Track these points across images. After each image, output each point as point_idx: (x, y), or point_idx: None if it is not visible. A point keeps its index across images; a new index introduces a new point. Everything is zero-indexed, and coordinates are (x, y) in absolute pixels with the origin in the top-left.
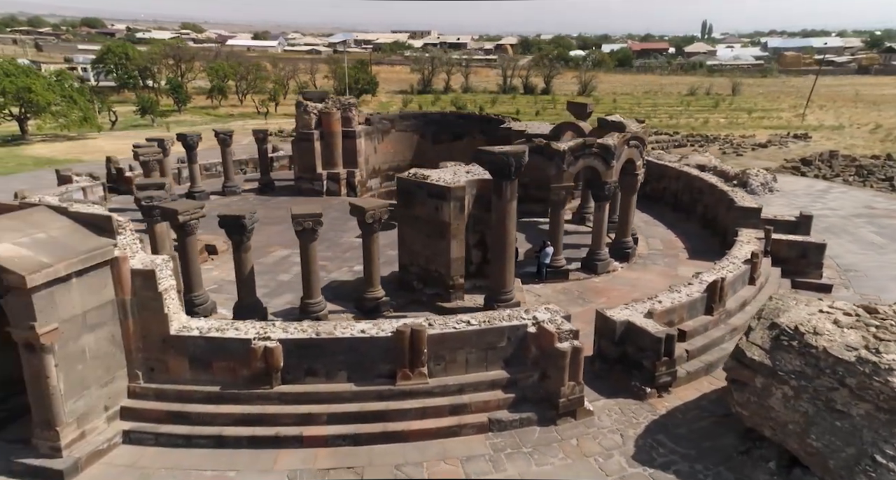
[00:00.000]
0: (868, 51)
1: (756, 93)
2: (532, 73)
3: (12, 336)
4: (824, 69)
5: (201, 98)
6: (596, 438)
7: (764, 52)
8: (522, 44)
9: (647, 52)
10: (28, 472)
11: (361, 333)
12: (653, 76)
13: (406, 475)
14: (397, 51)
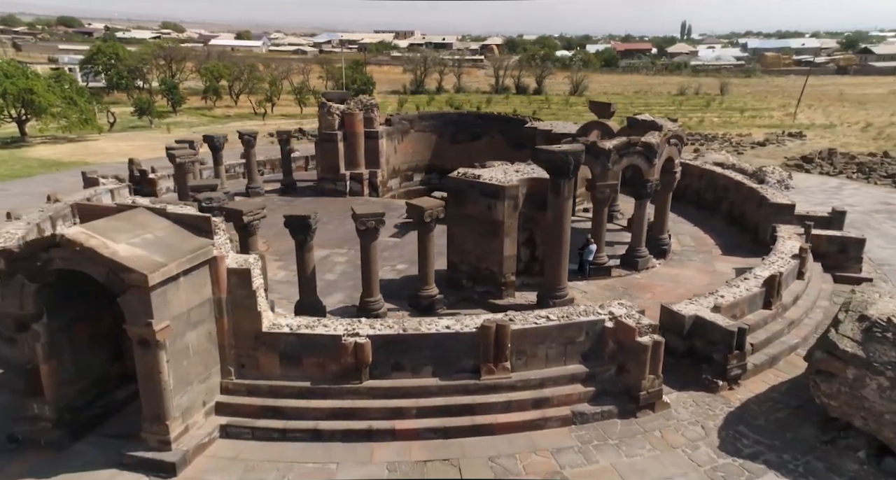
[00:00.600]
0: (844, 52)
1: (744, 92)
2: (524, 74)
3: (128, 333)
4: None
5: (195, 99)
6: (678, 430)
7: (744, 52)
8: (508, 44)
9: (631, 52)
10: (140, 465)
11: (446, 329)
12: (639, 76)
13: (502, 466)
14: (384, 51)
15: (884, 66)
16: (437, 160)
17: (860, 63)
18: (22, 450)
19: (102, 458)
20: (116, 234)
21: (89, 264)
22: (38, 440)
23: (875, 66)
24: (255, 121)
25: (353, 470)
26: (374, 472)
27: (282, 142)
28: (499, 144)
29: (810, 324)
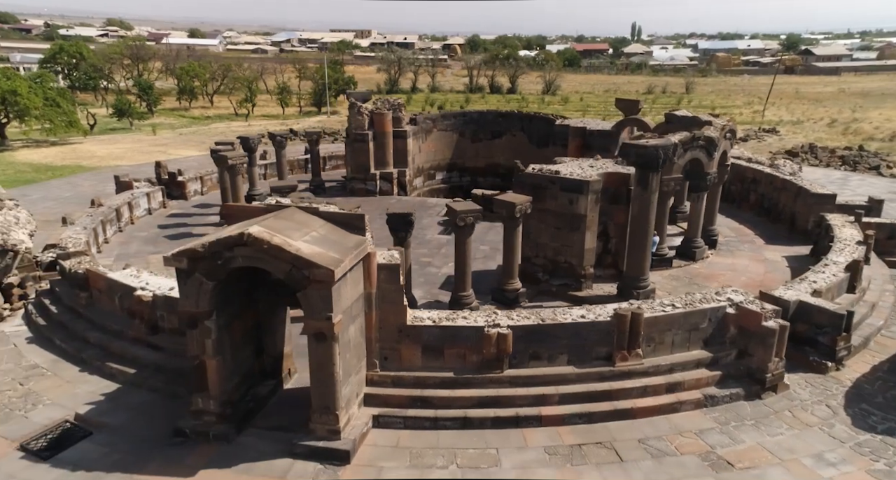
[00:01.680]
0: (786, 52)
1: (707, 91)
2: (497, 73)
3: (305, 327)
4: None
5: (169, 99)
6: (806, 409)
7: (695, 52)
8: (470, 43)
9: (589, 52)
10: (312, 454)
11: (581, 318)
12: (602, 76)
13: (654, 447)
14: (346, 50)
15: (825, 66)
16: (459, 159)
17: (804, 63)
18: (191, 444)
19: (271, 449)
20: (289, 233)
21: (273, 261)
22: (207, 433)
23: (818, 66)
24: (239, 122)
25: (513, 455)
26: (534, 456)
27: (311, 142)
28: (520, 142)
29: (887, 306)
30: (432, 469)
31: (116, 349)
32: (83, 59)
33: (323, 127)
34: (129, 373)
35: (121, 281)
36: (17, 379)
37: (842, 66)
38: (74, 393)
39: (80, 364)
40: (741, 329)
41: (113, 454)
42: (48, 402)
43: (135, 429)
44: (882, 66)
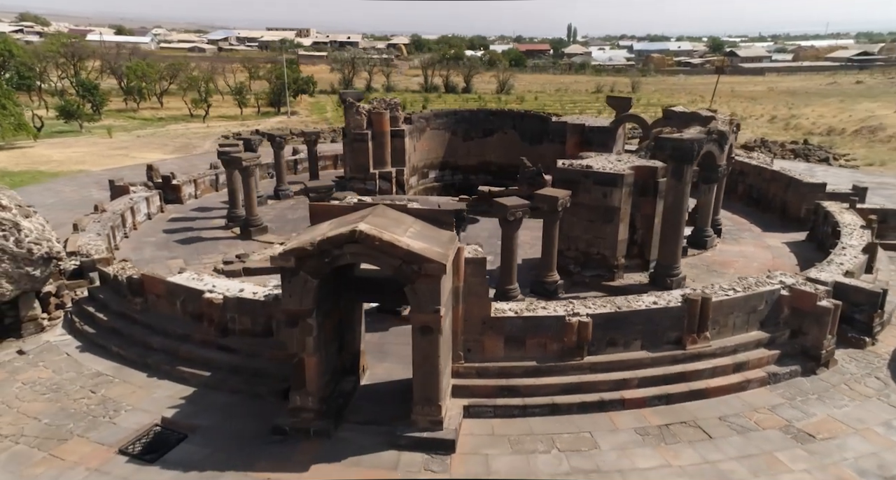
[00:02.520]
0: (713, 53)
1: (651, 90)
2: (452, 73)
3: (413, 320)
4: (685, 69)
5: (115, 100)
6: (858, 382)
7: (631, 53)
8: (415, 43)
9: (532, 52)
10: (416, 445)
11: (654, 304)
12: (548, 75)
13: (736, 424)
14: (289, 49)
15: (750, 66)
16: (451, 157)
17: (731, 64)
18: (292, 441)
19: (372, 442)
20: (391, 229)
21: (384, 257)
22: (307, 430)
23: (743, 66)
24: (196, 123)
25: (608, 437)
26: (627, 438)
27: (309, 142)
28: (512, 140)
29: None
30: (535, 454)
31: (184, 353)
32: (12, 56)
33: (290, 128)
34: (204, 376)
35: (185, 284)
36: (85, 386)
37: (765, 67)
38: (152, 398)
39: (145, 369)
40: (794, 309)
41: (217, 454)
42: (129, 408)
43: (228, 430)
44: (798, 67)
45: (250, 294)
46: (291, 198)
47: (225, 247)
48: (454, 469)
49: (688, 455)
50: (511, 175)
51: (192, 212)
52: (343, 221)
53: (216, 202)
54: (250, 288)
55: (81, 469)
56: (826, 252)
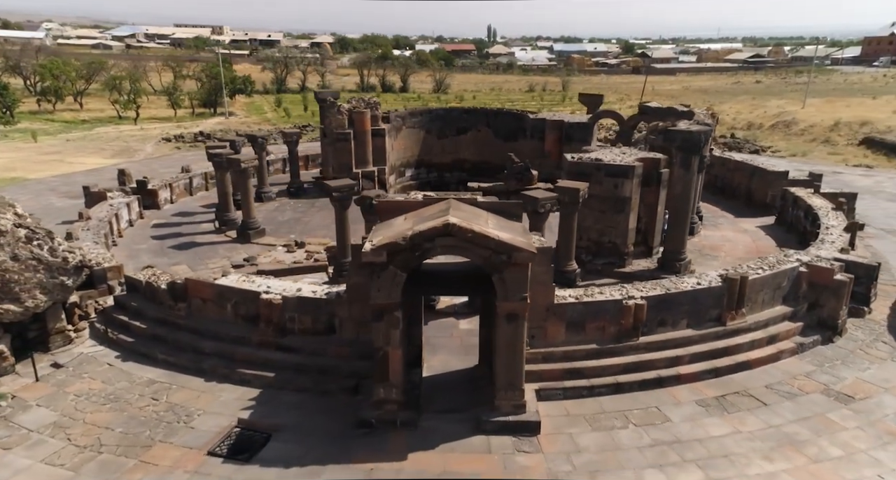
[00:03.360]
0: (626, 55)
1: (580, 89)
2: (388, 72)
3: (499, 308)
4: (603, 69)
5: (28, 101)
6: (871, 347)
7: (551, 53)
8: (339, 42)
9: (457, 52)
10: (502, 428)
11: (698, 285)
12: (478, 75)
13: (782, 390)
14: (204, 47)
15: (661, 67)
16: (426, 156)
17: (645, 65)
18: (379, 433)
19: (457, 429)
20: (474, 222)
21: (475, 248)
22: (393, 421)
23: (656, 67)
24: (127, 125)
25: (675, 410)
26: (691, 410)
27: (290, 143)
28: (485, 137)
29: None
30: (614, 430)
31: (242, 355)
32: None
33: (234, 129)
34: (268, 377)
35: (238, 287)
36: (144, 395)
37: (675, 68)
38: (220, 402)
39: (200, 374)
40: (812, 284)
41: (311, 450)
42: (200, 412)
43: (310, 427)
44: (703, 68)
45: (310, 293)
46: (274, 199)
47: (225, 251)
48: (545, 448)
49: (752, 421)
50: (485, 171)
51: (173, 217)
52: (419, 216)
53: (195, 206)
54: (308, 288)
55: (180, 473)
56: (797, 233)
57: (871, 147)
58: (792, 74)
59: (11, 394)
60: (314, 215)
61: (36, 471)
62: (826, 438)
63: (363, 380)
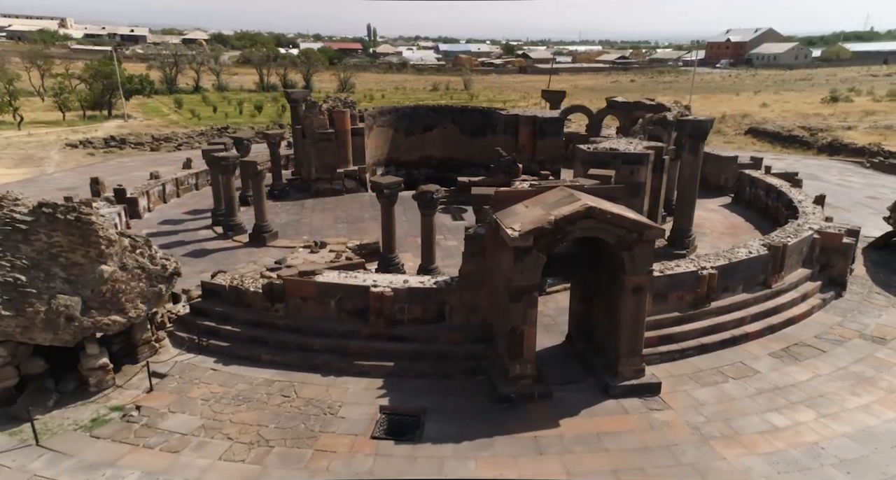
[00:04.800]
0: (507, 56)
1: (482, 88)
2: (289, 71)
3: (627, 282)
4: (489, 69)
5: None
6: (869, 298)
7: (437, 54)
8: (216, 38)
9: (345, 51)
10: (629, 392)
11: (749, 254)
12: (373, 74)
13: (829, 338)
14: (56, 42)
15: (543, 67)
16: (394, 153)
17: (528, 65)
18: (519, 406)
19: (588, 396)
20: (601, 204)
21: (611, 229)
22: (531, 394)
23: (538, 66)
24: (9, 131)
25: (757, 363)
26: (769, 362)
27: (273, 144)
28: (451, 133)
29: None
30: (718, 384)
31: (355, 348)
32: None
33: (143, 133)
34: (388, 366)
35: (345, 283)
36: (271, 393)
37: (558, 68)
38: (351, 393)
39: (315, 370)
40: (823, 247)
41: (466, 427)
42: (340, 404)
43: (453, 407)
44: (580, 68)
45: (417, 283)
46: None
47: (246, 256)
48: (671, 404)
49: (823, 366)
50: (451, 168)
51: (161, 225)
52: (540, 202)
53: (176, 213)
54: (414, 279)
55: (362, 457)
56: (758, 210)
57: (756, 136)
58: (656, 74)
59: (135, 404)
60: (311, 216)
61: (221, 468)
62: (887, 373)
63: (481, 362)
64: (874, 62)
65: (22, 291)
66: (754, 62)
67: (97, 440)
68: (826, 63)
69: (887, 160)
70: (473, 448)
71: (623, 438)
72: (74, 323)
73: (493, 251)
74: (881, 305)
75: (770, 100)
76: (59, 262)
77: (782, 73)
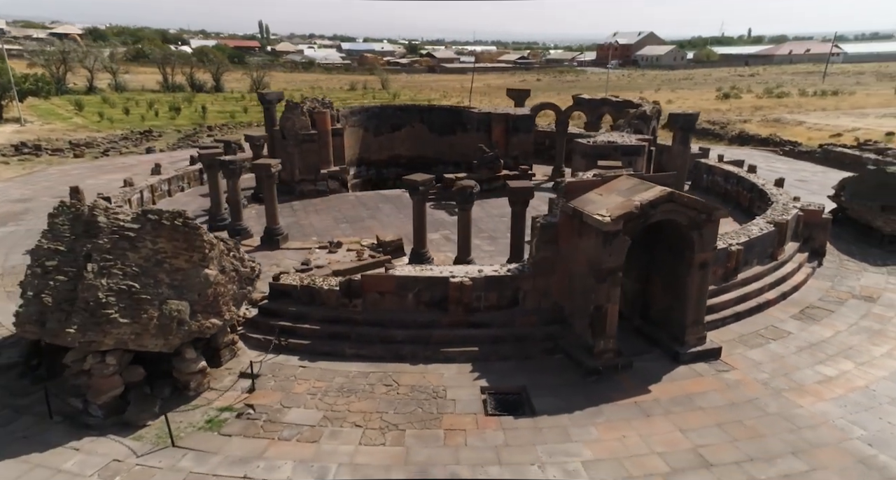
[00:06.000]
0: (412, 55)
1: (400, 87)
2: (196, 70)
3: (696, 259)
4: (396, 67)
5: None
6: (844, 264)
7: (340, 52)
8: (92, 33)
9: (243, 49)
10: (695, 357)
11: (761, 231)
12: (281, 73)
13: (832, 296)
14: None
15: (451, 66)
16: (365, 153)
17: (434, 64)
18: (605, 378)
19: (662, 365)
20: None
21: (686, 211)
22: (615, 366)
23: (446, 66)
24: None
25: (785, 325)
26: (795, 323)
27: (256, 147)
28: (420, 132)
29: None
30: (761, 346)
31: (438, 337)
32: None
33: (51, 138)
34: (473, 351)
35: (425, 275)
36: (373, 383)
37: (465, 67)
38: (448, 377)
39: (402, 360)
40: (806, 223)
41: (571, 399)
42: (444, 388)
43: (547, 383)
44: (486, 68)
45: (492, 272)
46: (247, 206)
47: (262, 259)
48: (734, 365)
49: (839, 324)
50: (420, 166)
51: None
52: (612, 189)
53: None
54: (488, 268)
55: (491, 432)
56: (718, 194)
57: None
58: (558, 74)
59: (244, 403)
60: (307, 218)
61: (366, 452)
62: (889, 325)
63: (557, 342)
64: (738, 63)
65: (137, 298)
66: (640, 63)
67: (229, 437)
68: (698, 64)
69: (796, 148)
70: (587, 416)
71: (710, 397)
72: (184, 327)
73: (568, 238)
74: (855, 270)
75: (672, 98)
76: (163, 268)
77: (666, 73)
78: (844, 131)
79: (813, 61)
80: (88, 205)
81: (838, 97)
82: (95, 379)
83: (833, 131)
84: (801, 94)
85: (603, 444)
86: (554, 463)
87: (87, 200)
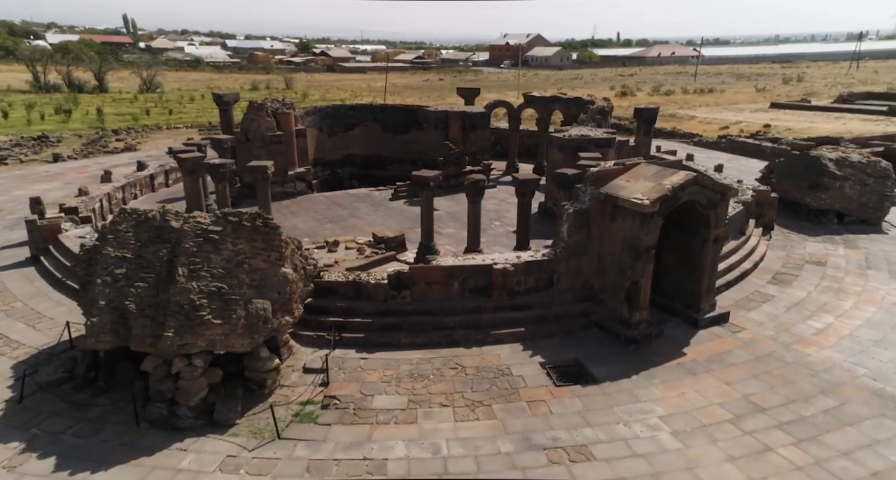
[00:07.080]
0: (304, 54)
1: (304, 86)
2: (74, 68)
3: (711, 234)
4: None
5: None
6: (788, 236)
7: (225, 50)
8: None
9: (114, 45)
10: (711, 322)
11: (733, 209)
12: (170, 72)
13: (794, 266)
14: None
15: (348, 65)
16: (320, 153)
17: (334, 64)
18: (643, 345)
19: (684, 330)
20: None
21: (706, 192)
22: (649, 334)
23: (343, 65)
24: None
25: (766, 289)
26: (774, 287)
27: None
28: (373, 131)
29: None
30: (758, 308)
31: (486, 321)
32: None
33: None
34: (520, 332)
35: (470, 264)
36: (439, 368)
37: (365, 66)
38: (504, 356)
39: (454, 344)
40: (758, 202)
41: (623, 366)
42: (507, 366)
43: (594, 353)
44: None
45: (529, 257)
46: None
47: None
48: (742, 325)
49: (807, 286)
50: (375, 165)
51: None
52: (637, 175)
53: None
54: (525, 254)
55: (567, 399)
56: None
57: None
58: (457, 73)
59: (325, 395)
60: (287, 219)
61: (467, 427)
62: (848, 281)
63: (591, 317)
64: (616, 64)
65: (226, 299)
66: (531, 63)
67: (328, 426)
68: (583, 65)
69: (703, 139)
70: (644, 379)
71: (736, 354)
72: (269, 325)
73: (599, 221)
74: (798, 240)
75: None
76: (244, 269)
77: (556, 73)
78: (730, 124)
79: (678, 63)
80: (159, 210)
81: (714, 94)
82: (185, 381)
83: (721, 124)
84: (685, 92)
85: (669, 401)
86: (636, 421)
87: (47, 211)
